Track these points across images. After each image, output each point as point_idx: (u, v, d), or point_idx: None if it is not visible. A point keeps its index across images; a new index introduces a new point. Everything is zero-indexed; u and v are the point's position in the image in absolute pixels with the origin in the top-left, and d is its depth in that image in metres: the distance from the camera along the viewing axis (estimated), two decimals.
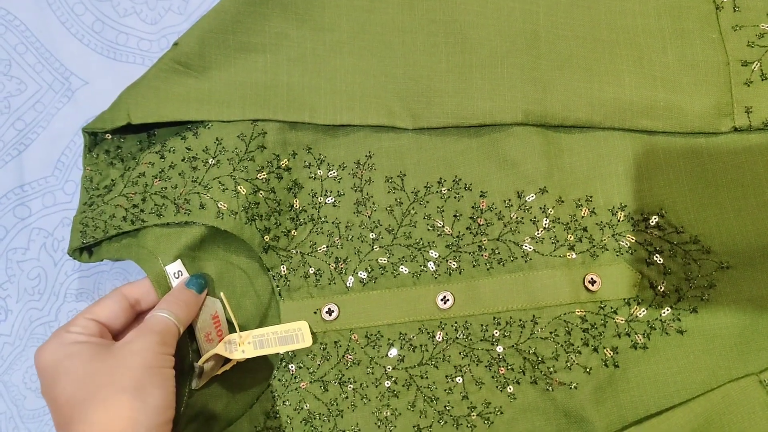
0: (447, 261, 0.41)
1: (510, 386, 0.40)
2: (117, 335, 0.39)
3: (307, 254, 0.42)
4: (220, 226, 0.41)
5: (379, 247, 0.41)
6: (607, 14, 0.42)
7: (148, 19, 0.48)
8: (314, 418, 0.41)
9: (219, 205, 0.41)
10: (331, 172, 0.42)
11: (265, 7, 0.43)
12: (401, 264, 0.41)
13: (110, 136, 0.45)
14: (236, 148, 0.42)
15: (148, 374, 0.34)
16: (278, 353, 0.41)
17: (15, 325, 0.46)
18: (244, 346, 0.40)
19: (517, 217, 0.41)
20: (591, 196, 0.41)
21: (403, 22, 0.42)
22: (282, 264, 0.42)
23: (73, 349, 0.35)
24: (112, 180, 0.44)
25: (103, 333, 0.37)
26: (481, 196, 0.41)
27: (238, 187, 0.41)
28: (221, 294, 0.41)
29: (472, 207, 0.41)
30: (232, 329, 0.41)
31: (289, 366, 0.41)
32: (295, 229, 0.42)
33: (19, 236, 0.47)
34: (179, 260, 0.41)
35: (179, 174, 0.42)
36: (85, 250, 0.43)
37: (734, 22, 0.41)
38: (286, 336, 0.40)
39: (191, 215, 0.41)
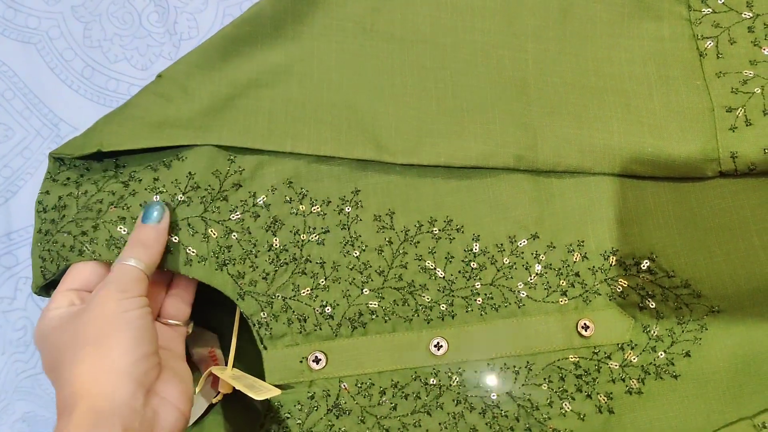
0: (439, 305, 0.45)
1: None
2: None
3: (290, 298, 0.45)
4: (189, 274, 0.43)
5: (369, 290, 0.45)
6: (595, 62, 0.48)
7: (138, 65, 0.53)
8: None
9: (188, 251, 0.43)
10: (314, 207, 0.45)
11: (253, 47, 0.47)
12: (392, 308, 0.45)
13: (77, 164, 0.46)
14: (209, 186, 0.44)
15: (109, 322, 0.37)
16: (268, 404, 0.45)
17: (0, 378, 0.49)
18: (224, 373, 0.44)
19: (509, 263, 0.45)
20: (582, 241, 0.45)
21: (392, 65, 0.47)
22: (262, 310, 0.45)
23: (53, 323, 0.39)
24: (64, 203, 0.44)
25: (83, 297, 0.41)
26: (473, 239, 0.45)
27: (209, 230, 0.44)
28: (215, 336, 0.45)
29: (465, 250, 0.45)
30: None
31: (277, 417, 0.45)
32: (275, 271, 0.45)
33: (5, 285, 0.50)
34: None
35: (141, 205, 0.43)
36: (51, 286, 0.44)
37: (718, 68, 0.47)
38: (255, 387, 0.43)
39: None
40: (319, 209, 0.45)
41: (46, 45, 0.54)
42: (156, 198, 0.43)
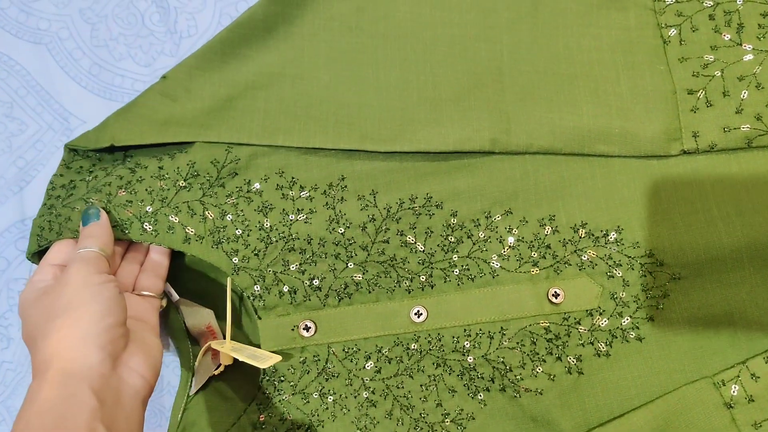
0: (420, 277, 0.55)
1: (480, 393, 0.53)
2: None
3: (280, 272, 0.57)
4: (187, 251, 0.55)
5: (354, 264, 0.56)
6: (566, 50, 0.58)
7: (142, 62, 0.64)
8: (297, 428, 0.54)
9: (187, 230, 0.55)
10: (303, 193, 0.57)
11: (248, 49, 0.59)
12: (376, 280, 0.55)
13: (89, 155, 0.59)
14: (208, 173, 0.56)
15: (79, 294, 0.47)
16: (263, 369, 0.54)
17: (17, 353, 0.61)
18: (224, 346, 0.54)
19: (484, 236, 0.55)
20: (554, 216, 0.55)
21: (377, 60, 0.59)
22: (255, 284, 0.57)
23: (34, 294, 0.49)
24: (75, 185, 0.57)
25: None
26: (451, 215, 0.55)
27: (206, 212, 0.56)
28: (228, 303, 0.55)
29: (443, 225, 0.55)
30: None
31: (272, 380, 0.54)
32: (266, 248, 0.56)
33: (20, 267, 0.62)
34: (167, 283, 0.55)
35: (146, 190, 0.55)
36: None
37: (680, 54, 0.57)
38: (256, 355, 0.54)
39: (158, 237, 0.55)
40: (307, 194, 0.57)
41: (56, 45, 0.65)
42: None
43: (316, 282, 0.56)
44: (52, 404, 0.43)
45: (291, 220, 0.56)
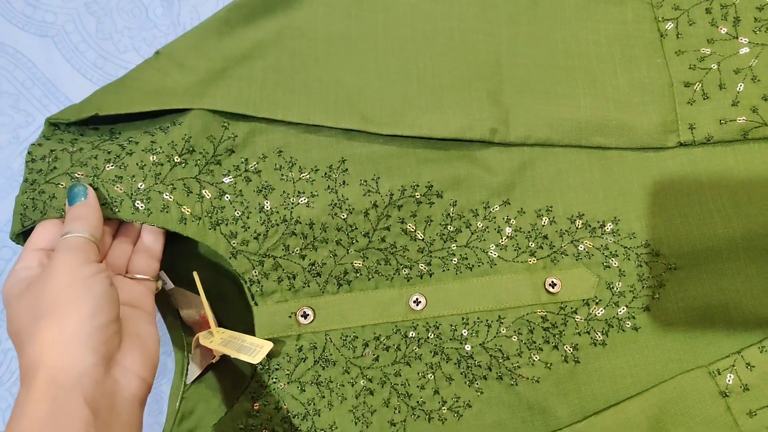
0: (419, 265, 0.56)
1: (477, 382, 0.54)
2: None
3: (280, 258, 0.57)
4: (183, 232, 0.53)
5: (355, 250, 0.57)
6: (564, 43, 0.59)
7: (146, 55, 0.66)
8: (293, 417, 0.55)
9: (182, 210, 0.54)
10: (303, 174, 0.57)
11: (246, 28, 0.61)
12: (376, 267, 0.56)
13: (71, 129, 0.56)
14: (204, 149, 0.55)
15: (66, 288, 0.43)
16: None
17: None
18: (213, 338, 0.55)
19: (483, 226, 0.56)
20: (551, 207, 0.56)
21: (376, 49, 0.60)
22: (254, 268, 0.57)
23: (21, 285, 0.45)
24: (56, 156, 0.53)
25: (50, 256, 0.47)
26: (451, 204, 0.56)
27: (203, 191, 0.55)
28: (203, 297, 0.55)
29: (442, 214, 0.56)
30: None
31: (267, 368, 0.55)
32: (266, 232, 0.56)
33: None
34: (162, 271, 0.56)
35: (137, 164, 0.53)
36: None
37: (677, 47, 0.58)
38: (246, 347, 0.54)
39: (152, 216, 0.52)
40: (307, 176, 0.57)
41: (62, 38, 0.67)
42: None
43: (316, 268, 0.57)
44: (42, 421, 0.40)
45: (292, 203, 0.56)
